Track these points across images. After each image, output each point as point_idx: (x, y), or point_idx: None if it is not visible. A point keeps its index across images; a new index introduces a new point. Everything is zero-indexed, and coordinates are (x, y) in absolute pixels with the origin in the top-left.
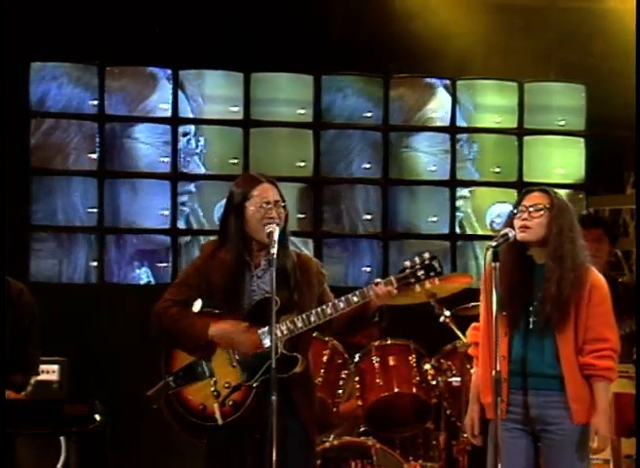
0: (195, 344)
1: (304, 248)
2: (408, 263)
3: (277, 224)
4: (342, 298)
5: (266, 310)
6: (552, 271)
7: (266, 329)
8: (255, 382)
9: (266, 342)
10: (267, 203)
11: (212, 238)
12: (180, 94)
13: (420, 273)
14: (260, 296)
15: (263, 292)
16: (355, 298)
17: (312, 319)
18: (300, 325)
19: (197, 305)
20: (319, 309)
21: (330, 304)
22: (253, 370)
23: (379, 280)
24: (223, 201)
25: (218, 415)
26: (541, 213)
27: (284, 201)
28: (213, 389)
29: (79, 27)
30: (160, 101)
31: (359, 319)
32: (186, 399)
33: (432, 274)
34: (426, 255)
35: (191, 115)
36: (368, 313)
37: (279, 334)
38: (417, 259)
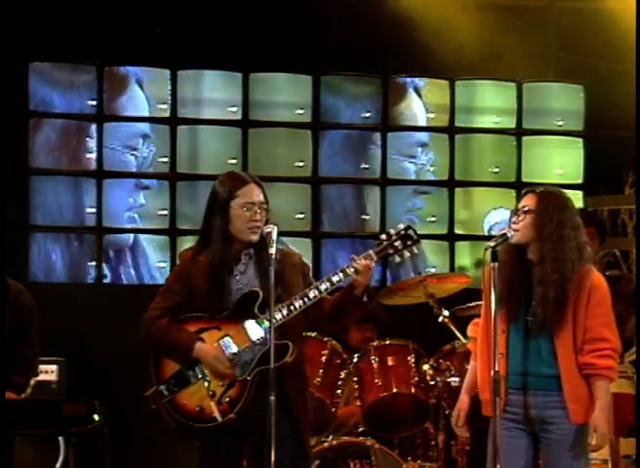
0: (180, 359)
1: (303, 248)
2: (384, 236)
3: (259, 227)
4: (324, 279)
5: (250, 303)
6: (536, 274)
7: (252, 321)
8: (249, 376)
9: (252, 336)
10: (253, 204)
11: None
12: (178, 94)
13: (398, 243)
14: (244, 291)
15: (248, 287)
16: (336, 277)
17: (297, 304)
18: (285, 312)
19: None
20: (301, 293)
21: (312, 286)
22: (245, 363)
23: (355, 256)
24: None
25: (217, 414)
26: (527, 215)
27: (267, 202)
28: (208, 389)
29: (78, 28)
30: (159, 102)
31: (348, 301)
32: (181, 404)
33: (409, 243)
34: (401, 226)
35: (190, 115)
36: (355, 295)
37: (266, 324)
38: (392, 231)
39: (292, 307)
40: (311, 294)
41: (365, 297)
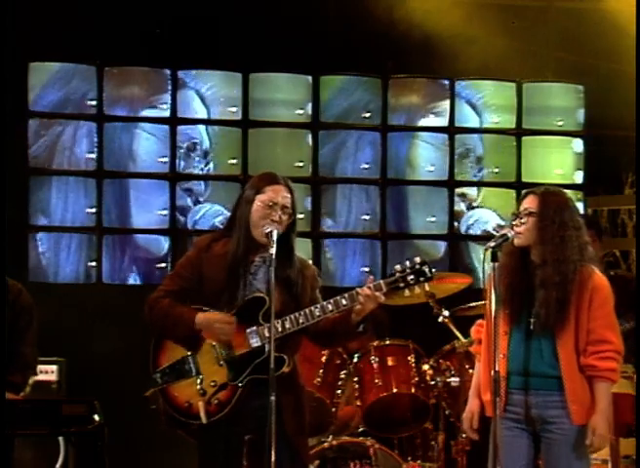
0: (183, 334)
1: (303, 248)
2: (398, 267)
3: (277, 227)
4: (331, 301)
5: (255, 309)
6: (538, 277)
7: (254, 328)
8: (241, 382)
9: (253, 342)
10: (275, 204)
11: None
12: (178, 94)
13: (410, 278)
14: (250, 294)
15: (255, 291)
16: (344, 301)
17: (301, 320)
18: (288, 326)
19: None
20: (307, 310)
21: (319, 306)
22: (239, 369)
23: (369, 285)
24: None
25: (202, 414)
26: (530, 217)
27: (293, 209)
28: (199, 387)
29: (78, 27)
30: (159, 102)
31: (343, 325)
32: (173, 396)
33: (422, 279)
34: (417, 260)
35: (190, 115)
36: (352, 321)
37: (267, 334)
38: (407, 264)
39: (295, 323)
40: (317, 313)
41: (360, 328)
